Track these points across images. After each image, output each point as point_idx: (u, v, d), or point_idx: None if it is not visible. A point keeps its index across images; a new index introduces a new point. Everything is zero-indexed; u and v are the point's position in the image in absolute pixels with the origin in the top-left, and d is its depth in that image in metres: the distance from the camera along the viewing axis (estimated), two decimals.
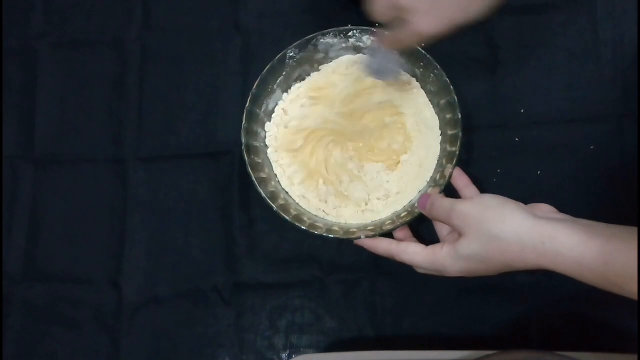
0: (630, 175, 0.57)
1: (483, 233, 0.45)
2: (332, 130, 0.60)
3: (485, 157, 0.60)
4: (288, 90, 0.62)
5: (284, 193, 0.59)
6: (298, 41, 0.59)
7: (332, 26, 0.59)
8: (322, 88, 0.61)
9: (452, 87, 0.55)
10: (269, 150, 0.61)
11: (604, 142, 0.59)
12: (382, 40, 0.51)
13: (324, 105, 0.61)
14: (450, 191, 0.55)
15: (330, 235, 0.54)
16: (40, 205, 0.65)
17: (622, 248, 0.39)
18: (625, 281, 0.39)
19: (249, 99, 0.58)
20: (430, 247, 0.49)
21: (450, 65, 0.57)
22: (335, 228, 0.56)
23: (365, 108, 0.60)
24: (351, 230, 0.56)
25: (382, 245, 0.53)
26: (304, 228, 0.54)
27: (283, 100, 0.62)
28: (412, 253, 0.50)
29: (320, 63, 0.62)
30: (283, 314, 0.59)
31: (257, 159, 0.58)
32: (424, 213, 0.52)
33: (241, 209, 0.62)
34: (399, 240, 0.54)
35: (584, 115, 0.60)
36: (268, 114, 0.61)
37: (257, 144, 0.60)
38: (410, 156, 0.59)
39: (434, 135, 0.59)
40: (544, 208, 0.47)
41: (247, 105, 0.58)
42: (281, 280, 0.60)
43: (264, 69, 0.58)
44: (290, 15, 0.66)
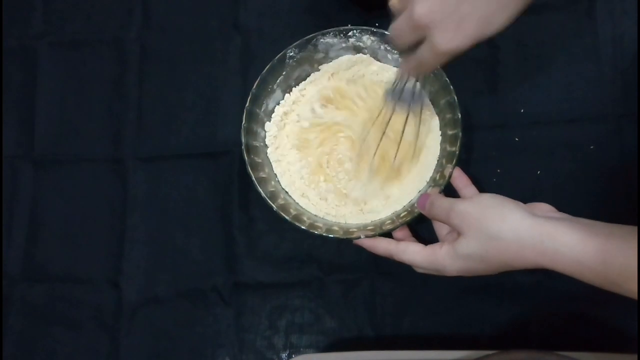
0: (630, 175, 0.57)
1: (482, 232, 0.44)
2: (350, 128, 0.60)
3: (485, 157, 0.60)
4: (290, 92, 0.62)
5: (284, 193, 0.59)
6: (298, 41, 0.59)
7: (332, 26, 0.59)
8: (334, 99, 0.61)
9: (452, 87, 0.55)
10: (269, 150, 0.61)
11: (604, 142, 0.59)
12: (406, 67, 0.48)
13: (346, 111, 0.60)
14: (450, 191, 0.55)
15: (330, 235, 0.54)
16: (40, 205, 0.65)
17: (622, 247, 0.39)
18: (625, 280, 0.38)
19: (249, 99, 0.58)
20: (430, 247, 0.49)
21: (450, 65, 0.55)
22: (335, 228, 0.56)
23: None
24: (351, 230, 0.56)
25: (382, 245, 0.53)
26: (304, 228, 0.54)
27: (296, 103, 0.62)
28: (412, 253, 0.50)
29: (320, 63, 0.62)
30: (283, 314, 0.59)
31: (257, 159, 0.58)
32: (424, 213, 0.52)
33: (241, 208, 0.62)
34: (399, 240, 0.54)
35: (584, 115, 0.60)
36: (268, 114, 0.61)
37: (257, 143, 0.60)
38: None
39: (434, 136, 0.59)
40: (544, 207, 0.47)
41: (247, 105, 0.58)
42: (281, 280, 0.60)
43: (264, 69, 0.58)
44: (290, 15, 0.67)
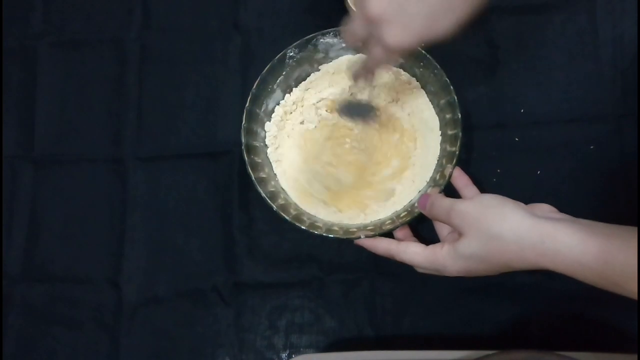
0: (630, 175, 0.57)
1: (483, 233, 0.45)
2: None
3: (485, 157, 0.60)
4: (290, 92, 0.62)
5: (284, 193, 0.59)
6: (298, 41, 0.59)
7: (332, 26, 0.58)
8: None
9: (452, 87, 0.55)
10: (268, 150, 0.61)
11: (603, 142, 0.59)
12: (360, 65, 0.50)
13: None
14: (450, 191, 0.55)
15: (331, 235, 0.54)
16: (40, 205, 0.65)
17: (622, 247, 0.39)
18: (625, 280, 0.39)
19: (249, 99, 0.58)
20: (431, 247, 0.49)
21: (450, 65, 0.57)
22: (335, 228, 0.56)
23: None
24: (351, 230, 0.56)
25: (382, 245, 0.53)
26: (304, 228, 0.54)
27: (297, 104, 0.62)
28: (412, 253, 0.50)
29: (320, 63, 0.62)
30: (283, 314, 0.59)
31: (257, 159, 0.58)
32: (424, 213, 0.52)
33: (241, 209, 0.62)
34: (399, 240, 0.54)
35: (584, 115, 0.60)
36: (268, 114, 0.61)
37: (257, 144, 0.60)
38: (410, 157, 0.59)
39: (434, 136, 0.59)
40: (544, 208, 0.47)
41: (247, 105, 0.58)
42: (281, 280, 0.60)
43: (264, 69, 0.58)
44: (290, 15, 0.67)
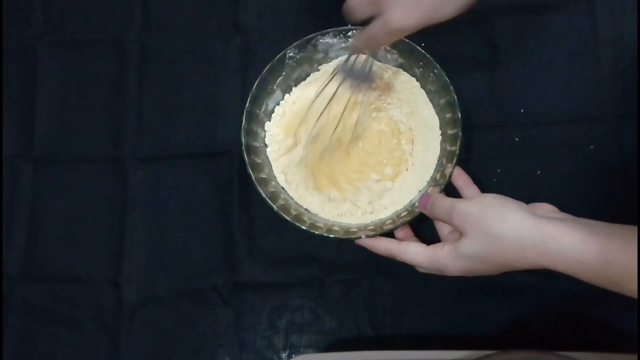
0: (630, 175, 0.57)
1: (484, 232, 0.45)
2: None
3: (485, 157, 0.60)
4: (290, 92, 0.62)
5: (284, 193, 0.59)
6: (298, 41, 0.59)
7: (332, 26, 0.59)
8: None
9: (452, 87, 0.55)
10: (268, 150, 0.61)
11: (604, 142, 0.59)
12: (357, 40, 0.50)
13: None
14: (450, 191, 0.55)
15: (331, 236, 0.54)
16: (40, 205, 0.65)
17: (623, 247, 0.39)
18: (626, 280, 0.39)
19: (248, 100, 0.58)
20: (431, 247, 0.49)
21: (450, 65, 0.57)
22: (336, 228, 0.56)
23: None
24: (352, 230, 0.56)
25: (383, 245, 0.53)
26: (305, 228, 0.54)
27: (296, 104, 0.62)
28: (413, 253, 0.50)
29: (320, 63, 0.62)
30: (283, 314, 0.59)
31: (257, 160, 0.58)
32: (425, 213, 0.52)
33: (241, 209, 0.62)
34: (400, 240, 0.54)
35: (584, 115, 0.60)
36: (268, 114, 0.61)
37: (257, 144, 0.60)
38: (411, 156, 0.59)
39: (434, 135, 0.59)
40: (545, 207, 0.47)
41: (247, 105, 0.58)
42: (281, 280, 0.60)
43: (264, 69, 0.58)
44: (290, 15, 0.66)
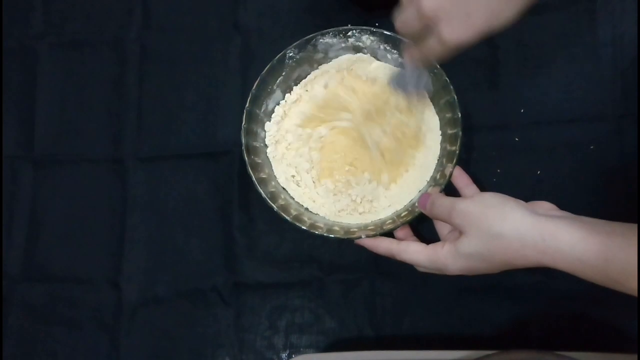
0: (630, 175, 0.57)
1: (484, 231, 0.44)
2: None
3: (485, 157, 0.60)
4: (290, 92, 0.62)
5: (284, 193, 0.59)
6: (298, 41, 0.59)
7: (332, 26, 0.59)
8: (328, 105, 0.61)
9: (452, 87, 0.55)
10: (268, 150, 0.61)
11: (604, 142, 0.59)
12: (410, 56, 0.48)
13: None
14: (450, 190, 0.55)
15: (331, 236, 0.54)
16: (40, 205, 0.65)
17: (623, 244, 0.39)
18: (626, 278, 0.39)
19: (248, 100, 0.58)
20: (431, 246, 0.49)
21: (450, 65, 0.56)
22: (336, 228, 0.56)
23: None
24: (352, 230, 0.56)
25: (383, 245, 0.53)
26: (305, 228, 0.54)
27: (296, 104, 0.62)
28: (413, 252, 0.50)
29: (320, 63, 0.62)
30: (283, 314, 0.59)
31: (257, 160, 0.58)
32: (425, 212, 0.52)
33: (241, 209, 0.62)
34: (400, 239, 0.54)
35: (584, 115, 0.60)
36: (268, 114, 0.61)
37: (257, 144, 0.60)
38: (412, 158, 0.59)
39: (434, 135, 0.59)
40: (545, 206, 0.47)
41: (247, 105, 0.58)
42: (281, 280, 0.60)
43: (264, 69, 0.58)
44: (290, 15, 0.66)
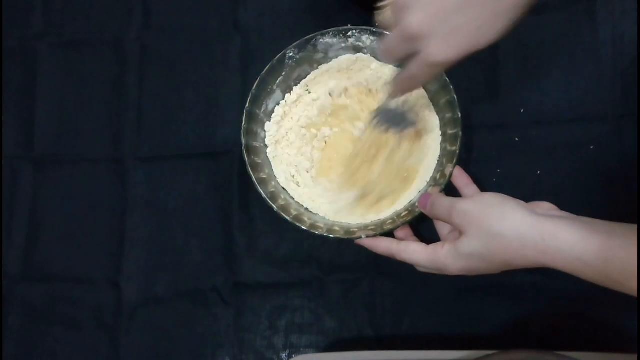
0: (630, 175, 0.57)
1: (484, 231, 0.44)
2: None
3: (485, 157, 0.60)
4: (290, 92, 0.62)
5: (285, 193, 0.59)
6: (297, 41, 0.59)
7: (332, 26, 0.58)
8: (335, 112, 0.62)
9: (452, 87, 0.55)
10: (268, 150, 0.61)
11: (604, 142, 0.59)
12: (395, 84, 0.48)
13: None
14: (451, 190, 0.55)
15: (331, 236, 0.54)
16: (40, 205, 0.65)
17: (623, 245, 0.39)
18: (626, 278, 0.39)
19: (248, 100, 0.58)
20: (432, 246, 0.49)
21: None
22: (336, 228, 0.56)
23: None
24: (352, 230, 0.55)
25: (383, 245, 0.53)
26: (305, 228, 0.54)
27: (296, 104, 0.62)
28: (413, 252, 0.50)
29: (320, 63, 0.62)
30: (283, 314, 0.59)
31: (258, 160, 0.58)
32: (425, 212, 0.52)
33: (241, 209, 0.62)
34: (400, 239, 0.54)
35: (584, 115, 0.60)
36: (268, 114, 0.61)
37: (257, 144, 0.59)
38: (411, 156, 0.59)
39: (434, 135, 0.59)
40: (545, 206, 0.47)
41: (247, 106, 0.58)
42: (281, 280, 0.60)
43: (264, 69, 0.58)
44: (290, 15, 0.66)
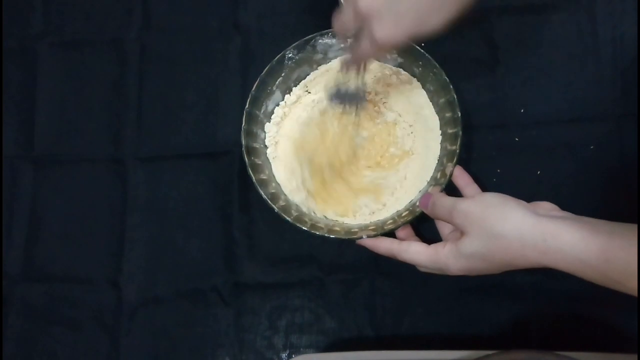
0: (630, 175, 0.57)
1: (485, 231, 0.45)
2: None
3: (485, 157, 0.60)
4: (289, 93, 0.62)
5: (284, 194, 0.59)
6: (297, 42, 0.59)
7: (332, 27, 0.58)
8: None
9: (452, 87, 0.55)
10: (268, 151, 0.61)
11: (604, 142, 0.59)
12: (346, 58, 0.51)
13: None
14: (451, 190, 0.55)
15: (332, 236, 0.54)
16: (40, 205, 0.65)
17: (624, 245, 0.39)
18: (627, 278, 0.39)
19: (248, 101, 0.58)
20: (433, 246, 0.49)
21: (451, 66, 0.57)
22: (337, 228, 0.56)
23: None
24: (353, 230, 0.55)
25: (384, 245, 0.53)
26: (305, 229, 0.54)
27: (295, 104, 0.62)
28: (414, 252, 0.50)
29: (319, 64, 0.62)
30: (283, 314, 0.59)
31: (258, 161, 0.58)
32: (426, 212, 0.52)
33: (241, 209, 0.62)
34: (401, 239, 0.54)
35: (584, 115, 0.60)
36: (267, 115, 0.61)
37: (257, 145, 0.59)
38: (411, 155, 0.59)
39: (434, 135, 0.59)
40: (546, 206, 0.47)
41: (247, 107, 0.58)
42: (281, 280, 0.60)
43: (264, 69, 0.58)
44: (290, 15, 0.66)
